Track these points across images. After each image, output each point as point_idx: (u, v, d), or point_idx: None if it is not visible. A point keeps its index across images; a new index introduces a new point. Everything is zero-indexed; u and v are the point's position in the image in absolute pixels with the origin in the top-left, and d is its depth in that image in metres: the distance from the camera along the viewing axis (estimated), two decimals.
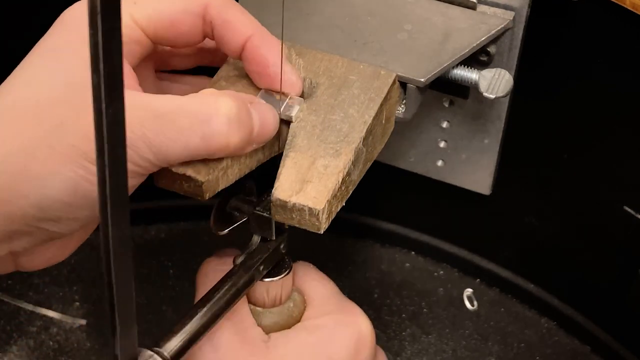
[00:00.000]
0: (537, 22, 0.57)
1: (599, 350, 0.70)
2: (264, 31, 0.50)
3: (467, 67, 0.55)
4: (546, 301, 0.72)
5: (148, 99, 0.44)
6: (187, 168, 0.46)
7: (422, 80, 0.53)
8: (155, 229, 0.77)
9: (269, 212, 0.48)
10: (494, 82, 0.55)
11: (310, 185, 0.47)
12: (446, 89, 0.60)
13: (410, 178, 0.67)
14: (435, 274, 0.75)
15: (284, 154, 0.49)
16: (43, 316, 0.70)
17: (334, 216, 0.48)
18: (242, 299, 0.52)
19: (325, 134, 0.50)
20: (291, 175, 0.48)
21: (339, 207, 0.49)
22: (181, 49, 0.54)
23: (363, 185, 0.51)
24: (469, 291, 0.74)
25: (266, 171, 0.50)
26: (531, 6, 0.56)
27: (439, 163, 0.66)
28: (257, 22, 0.50)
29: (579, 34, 0.58)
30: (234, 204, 0.51)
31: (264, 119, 0.48)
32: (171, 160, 0.45)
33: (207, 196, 0.47)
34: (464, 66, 0.56)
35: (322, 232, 0.47)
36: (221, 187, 0.48)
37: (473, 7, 0.57)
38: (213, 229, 0.51)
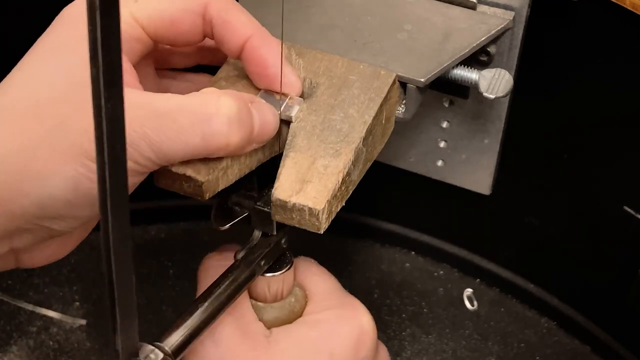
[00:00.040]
0: (537, 22, 0.57)
1: (599, 350, 0.70)
2: (263, 32, 0.50)
3: (467, 67, 0.55)
4: (546, 301, 0.72)
5: (149, 97, 0.44)
6: (187, 168, 0.46)
7: (422, 80, 0.53)
8: (155, 229, 0.77)
9: (269, 207, 0.48)
10: (494, 82, 0.55)
11: (310, 185, 0.47)
12: (446, 89, 0.60)
13: (410, 178, 0.67)
14: (435, 274, 0.75)
15: (284, 154, 0.49)
16: (43, 316, 0.70)
17: (334, 216, 0.48)
18: (244, 294, 0.52)
19: (325, 134, 0.50)
20: (291, 175, 0.48)
21: (339, 207, 0.49)
22: (181, 48, 0.54)
23: (363, 185, 0.51)
24: (469, 291, 0.74)
25: (266, 171, 0.50)
26: (531, 6, 0.56)
27: (439, 163, 0.66)
28: (257, 23, 0.50)
29: (579, 34, 0.58)
30: (235, 199, 0.51)
31: (264, 118, 0.48)
32: (172, 159, 0.45)
33: (207, 196, 0.47)
34: (464, 66, 0.56)
35: (322, 232, 0.47)
36: (221, 187, 0.48)
37: (473, 7, 0.57)
38: (214, 224, 0.51)
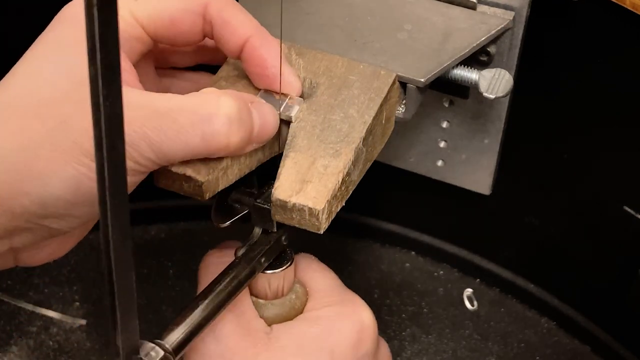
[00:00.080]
0: (537, 22, 0.57)
1: (599, 350, 0.70)
2: (263, 32, 0.50)
3: (467, 67, 0.55)
4: (546, 301, 0.72)
5: (149, 97, 0.44)
6: (187, 168, 0.46)
7: (422, 80, 0.53)
8: (155, 229, 0.77)
9: (269, 205, 0.48)
10: (494, 82, 0.55)
11: (310, 185, 0.47)
12: (446, 89, 0.60)
13: (410, 178, 0.67)
14: (435, 274, 0.75)
15: (284, 154, 0.49)
16: (43, 316, 0.70)
17: (334, 216, 0.48)
18: (244, 291, 0.51)
19: (325, 134, 0.50)
20: (291, 175, 0.48)
21: (339, 207, 0.49)
22: (182, 47, 0.54)
23: (363, 185, 0.51)
24: (469, 291, 0.74)
25: (266, 171, 0.50)
26: (531, 6, 0.56)
27: (439, 163, 0.66)
28: (256, 23, 0.50)
29: (579, 34, 0.58)
30: (235, 196, 0.51)
31: (264, 118, 0.48)
32: (172, 159, 0.45)
33: (207, 196, 0.47)
34: (464, 66, 0.56)
35: (322, 232, 0.47)
36: (221, 187, 0.48)
37: (473, 7, 0.57)
38: (214, 222, 0.51)
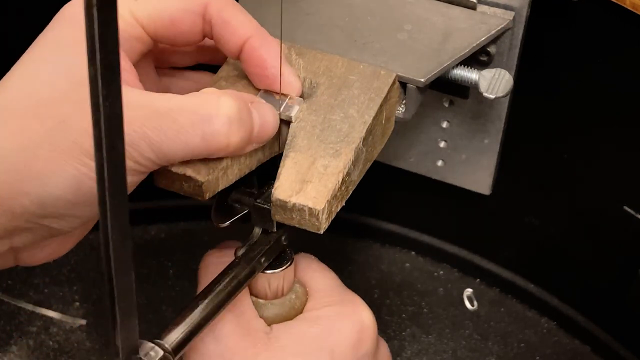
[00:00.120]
0: (537, 22, 0.57)
1: (599, 350, 0.70)
2: (263, 32, 0.50)
3: (467, 67, 0.55)
4: (546, 301, 0.72)
5: (149, 97, 0.44)
6: (187, 168, 0.46)
7: (422, 80, 0.53)
8: (155, 229, 0.77)
9: (269, 204, 0.48)
10: (494, 82, 0.55)
11: (310, 186, 0.47)
12: (446, 89, 0.60)
13: (410, 178, 0.67)
14: (435, 274, 0.75)
15: (284, 154, 0.49)
16: (43, 316, 0.70)
17: (334, 216, 0.48)
18: (244, 291, 0.51)
19: (325, 134, 0.50)
20: (291, 175, 0.48)
21: (339, 207, 0.49)
22: (182, 47, 0.54)
23: (363, 185, 0.51)
24: (469, 291, 0.74)
25: (266, 171, 0.50)
26: (531, 6, 0.56)
27: (439, 163, 0.66)
28: (256, 23, 0.50)
29: (579, 34, 0.58)
30: (235, 196, 0.51)
31: (264, 118, 0.48)
32: (172, 159, 0.45)
33: (207, 196, 0.47)
34: (464, 66, 0.55)
35: (322, 232, 0.47)
36: (221, 187, 0.48)
37: (473, 7, 0.57)
38: (214, 222, 0.51)
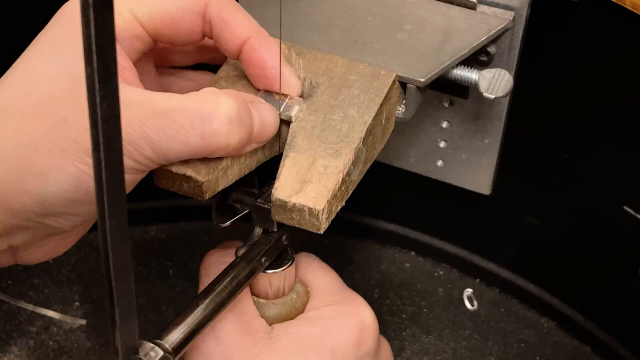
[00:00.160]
0: (537, 22, 0.57)
1: (599, 350, 0.70)
2: (262, 33, 0.50)
3: (467, 67, 0.55)
4: (546, 301, 0.72)
5: (149, 96, 0.44)
6: (187, 168, 0.46)
7: (422, 80, 0.53)
8: (155, 229, 0.77)
9: (270, 204, 0.48)
10: (494, 82, 0.55)
11: (310, 186, 0.47)
12: (446, 89, 0.60)
13: (410, 178, 0.67)
14: (435, 274, 0.75)
15: (284, 154, 0.49)
16: (43, 316, 0.70)
17: (334, 216, 0.48)
18: (245, 291, 0.51)
19: (325, 134, 0.50)
20: (291, 176, 0.48)
21: (339, 207, 0.49)
22: (182, 46, 0.54)
23: (363, 185, 0.51)
24: (469, 291, 0.74)
25: (266, 171, 0.50)
26: (531, 6, 0.56)
27: (439, 163, 0.66)
28: (256, 24, 0.50)
29: (579, 34, 0.58)
30: (236, 196, 0.51)
31: (264, 118, 0.48)
32: (171, 158, 0.45)
33: (207, 196, 0.47)
34: (464, 66, 0.55)
35: (322, 232, 0.47)
36: (221, 187, 0.48)
37: (473, 7, 0.57)
38: (214, 222, 0.51)
